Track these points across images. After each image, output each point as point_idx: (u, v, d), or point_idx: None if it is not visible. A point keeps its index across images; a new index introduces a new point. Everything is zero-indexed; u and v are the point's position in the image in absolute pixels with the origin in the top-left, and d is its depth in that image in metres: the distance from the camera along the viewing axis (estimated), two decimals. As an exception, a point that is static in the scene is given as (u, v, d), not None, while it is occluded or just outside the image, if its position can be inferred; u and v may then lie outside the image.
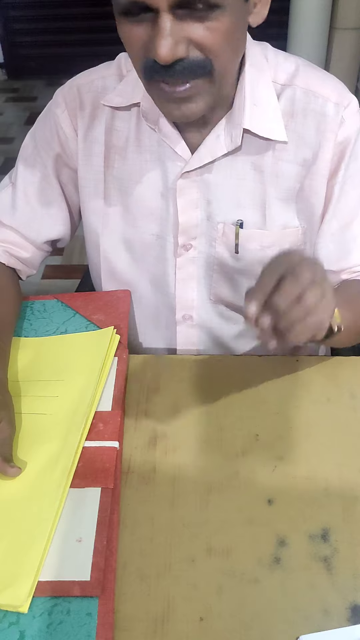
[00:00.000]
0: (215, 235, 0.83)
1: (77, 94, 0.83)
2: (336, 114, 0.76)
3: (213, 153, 0.77)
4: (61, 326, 0.86)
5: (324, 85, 0.77)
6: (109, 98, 0.80)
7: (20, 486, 0.64)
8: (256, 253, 0.83)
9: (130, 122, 0.81)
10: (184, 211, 0.82)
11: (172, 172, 0.80)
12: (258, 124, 0.75)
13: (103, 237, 0.88)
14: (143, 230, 0.85)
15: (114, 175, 0.84)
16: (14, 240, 0.89)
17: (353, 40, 2.83)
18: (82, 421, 0.70)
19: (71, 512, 0.62)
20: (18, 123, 3.61)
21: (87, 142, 0.84)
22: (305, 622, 0.54)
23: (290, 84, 0.76)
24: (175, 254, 0.85)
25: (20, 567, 0.57)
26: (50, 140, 0.85)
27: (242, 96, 0.74)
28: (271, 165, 0.78)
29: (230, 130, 0.76)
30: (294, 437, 0.71)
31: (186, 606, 0.56)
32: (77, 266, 2.34)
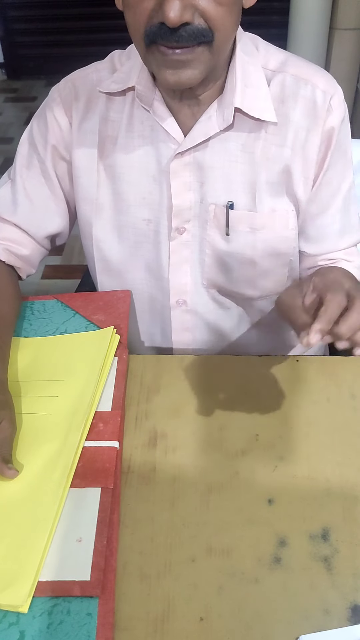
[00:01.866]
0: (207, 218, 0.84)
1: (72, 87, 0.85)
2: (324, 102, 0.78)
3: (205, 132, 0.79)
4: (61, 326, 0.85)
5: (313, 73, 0.79)
6: (105, 85, 0.82)
7: (21, 486, 0.64)
8: (247, 235, 0.84)
9: (124, 110, 0.82)
10: (177, 194, 0.83)
11: (165, 154, 0.82)
12: (249, 103, 0.77)
13: (95, 227, 0.89)
14: (136, 216, 0.86)
15: (107, 164, 0.85)
16: (14, 237, 0.90)
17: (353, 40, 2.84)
18: (82, 421, 0.70)
19: (71, 512, 0.62)
20: (17, 123, 3.61)
21: (81, 132, 0.85)
22: (306, 622, 0.54)
23: (281, 70, 0.79)
24: (169, 238, 0.86)
25: (20, 567, 0.57)
26: (46, 133, 0.86)
27: (234, 78, 0.77)
28: (262, 149, 0.80)
29: (222, 110, 0.78)
30: (294, 437, 0.71)
31: (186, 606, 0.56)
32: (77, 266, 2.34)
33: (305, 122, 0.79)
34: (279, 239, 0.85)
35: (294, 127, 0.79)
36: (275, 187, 0.82)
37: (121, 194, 0.86)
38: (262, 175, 0.81)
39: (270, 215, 0.83)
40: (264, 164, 0.80)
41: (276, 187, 0.82)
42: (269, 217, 0.83)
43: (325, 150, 0.80)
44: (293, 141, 0.79)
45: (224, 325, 0.95)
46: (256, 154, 0.80)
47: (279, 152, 0.80)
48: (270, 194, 0.82)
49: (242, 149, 0.80)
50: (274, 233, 0.84)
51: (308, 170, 0.81)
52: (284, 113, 0.78)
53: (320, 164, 0.81)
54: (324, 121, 0.79)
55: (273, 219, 0.83)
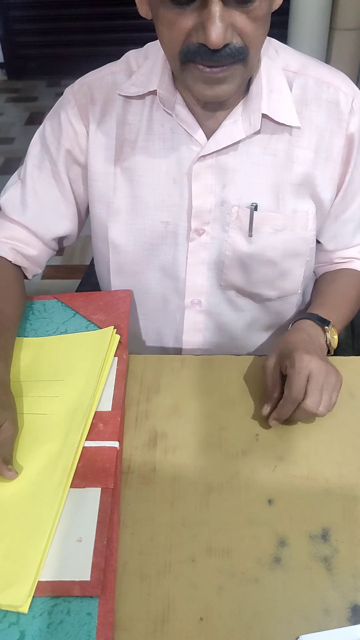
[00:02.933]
0: (228, 220, 0.85)
1: (87, 90, 0.84)
2: (346, 104, 0.80)
3: (231, 137, 0.79)
4: (61, 326, 0.86)
5: (334, 76, 0.81)
6: (124, 87, 0.82)
7: (21, 486, 0.64)
8: (268, 236, 0.85)
9: (143, 113, 0.82)
10: (198, 196, 0.83)
11: (187, 157, 0.82)
12: (275, 109, 0.78)
13: (112, 230, 0.89)
14: (154, 218, 0.86)
15: (124, 167, 0.85)
16: (22, 238, 0.90)
17: (353, 40, 2.84)
18: (82, 421, 0.70)
19: (71, 512, 0.62)
20: (19, 123, 3.61)
21: (98, 135, 0.85)
22: (306, 622, 0.54)
23: (302, 73, 0.80)
24: (188, 239, 0.86)
25: (20, 567, 0.57)
26: (60, 136, 0.86)
27: (260, 83, 0.77)
28: (285, 151, 0.81)
29: (248, 115, 0.78)
30: (294, 437, 0.71)
31: (186, 606, 0.56)
32: (77, 266, 2.34)
33: (328, 124, 0.80)
34: (298, 239, 0.86)
35: (318, 130, 0.80)
36: (298, 189, 0.83)
37: (139, 197, 0.86)
38: (286, 176, 0.82)
39: (292, 216, 0.84)
40: (287, 165, 0.81)
41: (299, 189, 0.83)
42: (291, 218, 0.84)
43: (349, 152, 0.82)
44: (317, 144, 0.80)
45: (235, 327, 0.95)
46: (279, 156, 0.81)
47: (302, 154, 0.81)
48: (293, 196, 0.83)
49: (265, 152, 0.81)
50: (294, 234, 0.85)
51: (332, 172, 0.82)
52: (307, 116, 0.79)
53: (345, 165, 0.82)
54: (347, 123, 0.80)
55: (294, 220, 0.84)
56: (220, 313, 0.93)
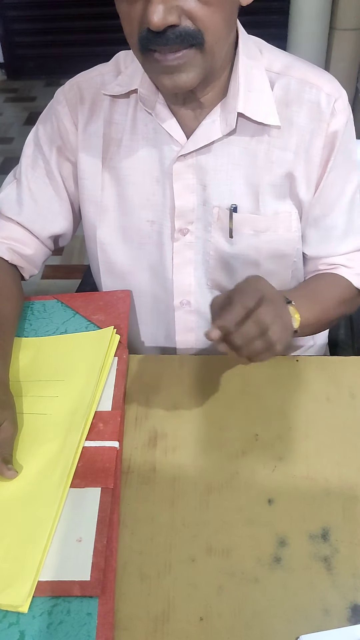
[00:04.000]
0: (210, 220, 0.84)
1: (77, 90, 0.85)
2: (328, 105, 0.78)
3: (208, 136, 0.79)
4: (61, 326, 0.85)
5: (318, 77, 0.79)
6: (109, 88, 0.82)
7: (21, 486, 0.64)
8: (250, 238, 0.84)
9: (128, 112, 0.83)
10: (179, 195, 0.83)
11: (168, 156, 0.82)
12: (252, 108, 0.77)
13: (100, 229, 0.89)
14: (139, 217, 0.87)
15: (111, 166, 0.85)
16: (18, 237, 0.90)
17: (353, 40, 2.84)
18: (82, 421, 0.70)
19: (71, 512, 0.62)
20: (17, 123, 3.60)
21: (86, 134, 0.85)
22: (306, 621, 0.54)
23: (285, 73, 0.79)
24: (172, 239, 0.86)
25: (20, 567, 0.57)
26: (52, 134, 0.87)
27: (237, 82, 0.77)
28: (265, 152, 0.80)
29: (225, 115, 0.78)
30: (294, 437, 0.71)
31: (186, 606, 0.56)
32: (77, 266, 2.34)
33: (309, 125, 0.79)
34: (282, 240, 0.85)
35: (298, 131, 0.79)
36: (278, 190, 0.82)
37: (125, 196, 0.86)
38: (265, 178, 0.81)
39: (273, 218, 0.83)
40: (267, 167, 0.81)
41: (279, 190, 0.82)
42: (272, 219, 0.83)
43: (328, 153, 0.80)
44: (296, 144, 0.79)
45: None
46: (259, 157, 0.80)
47: (282, 155, 0.80)
48: (273, 197, 0.82)
49: (245, 153, 0.80)
50: (277, 235, 0.84)
51: (311, 173, 0.81)
52: (288, 116, 0.79)
53: (323, 167, 0.81)
54: (327, 124, 0.79)
55: (276, 221, 0.83)
56: (210, 313, 0.93)
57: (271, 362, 0.80)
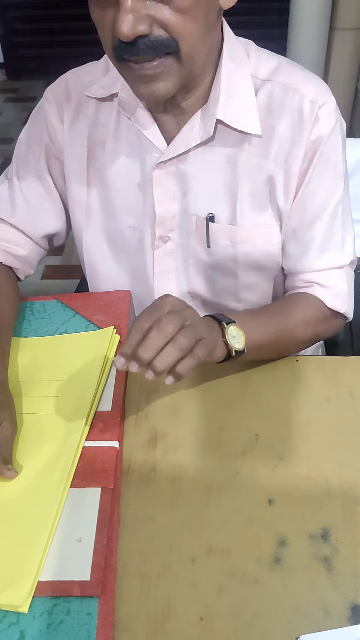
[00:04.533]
0: (190, 229, 0.84)
1: (64, 87, 0.85)
2: (311, 112, 0.75)
3: (187, 143, 0.78)
4: (61, 326, 0.85)
5: (304, 82, 0.76)
6: (92, 89, 0.81)
7: (21, 486, 0.64)
8: (227, 249, 0.83)
9: (112, 115, 0.82)
10: (160, 203, 0.82)
11: (149, 163, 0.81)
12: (232, 116, 0.75)
13: (86, 231, 0.89)
14: (121, 222, 0.86)
15: (96, 168, 0.85)
16: (12, 238, 0.89)
17: (353, 40, 2.83)
18: (82, 421, 0.70)
19: (71, 512, 0.62)
20: (17, 123, 3.60)
21: (72, 133, 0.85)
22: (306, 621, 0.54)
23: (270, 79, 0.76)
24: (153, 246, 0.86)
25: (20, 567, 0.57)
26: (41, 133, 0.86)
27: (218, 88, 0.75)
28: (245, 160, 0.78)
29: (204, 122, 0.76)
30: (294, 437, 0.71)
31: (186, 606, 0.56)
32: (76, 266, 2.33)
33: (290, 133, 0.76)
34: (261, 253, 0.83)
35: (279, 139, 0.76)
36: (258, 200, 0.80)
37: (109, 199, 0.85)
38: (245, 187, 0.79)
39: (252, 229, 0.81)
40: (246, 176, 0.79)
41: (259, 200, 0.80)
42: (251, 231, 0.81)
43: (308, 163, 0.77)
44: (277, 153, 0.77)
45: None
46: (239, 166, 0.78)
47: (262, 164, 0.78)
48: (252, 207, 0.80)
49: (226, 160, 0.79)
50: (256, 247, 0.82)
51: (290, 183, 0.78)
52: (270, 124, 0.76)
53: (301, 176, 0.78)
54: (309, 132, 0.75)
55: (255, 233, 0.81)
56: None
57: (271, 363, 0.81)
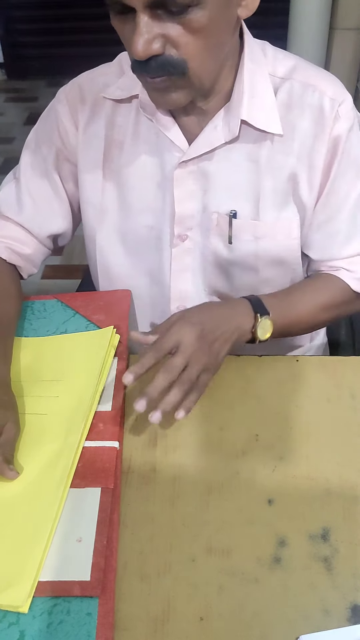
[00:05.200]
0: (209, 226, 0.84)
1: (78, 90, 0.85)
2: (331, 109, 0.77)
3: (210, 143, 0.78)
4: (61, 326, 0.86)
5: (322, 80, 0.78)
6: (110, 91, 0.82)
7: (21, 486, 0.64)
8: (249, 244, 0.84)
9: (130, 116, 0.82)
10: (180, 202, 0.83)
11: (169, 162, 0.81)
12: (255, 115, 0.76)
13: (99, 232, 0.89)
14: (138, 222, 0.86)
15: (112, 169, 0.85)
16: (17, 236, 0.90)
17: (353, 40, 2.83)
18: (82, 421, 0.70)
19: (71, 512, 0.62)
20: (18, 123, 3.60)
21: (87, 135, 0.85)
22: (306, 622, 0.54)
23: (289, 77, 0.78)
24: (171, 245, 0.86)
25: (20, 567, 0.57)
26: (51, 135, 0.87)
27: (241, 88, 0.76)
28: (267, 157, 0.79)
29: (228, 121, 0.77)
30: (294, 437, 0.71)
31: (186, 606, 0.56)
32: (77, 266, 2.34)
33: (311, 130, 0.78)
34: (281, 247, 0.85)
35: (300, 136, 0.78)
36: (280, 196, 0.82)
37: (125, 200, 0.86)
38: (267, 183, 0.81)
39: (273, 224, 0.83)
40: (268, 172, 0.80)
41: (281, 196, 0.82)
42: (272, 226, 0.83)
43: (331, 158, 0.79)
44: (299, 149, 0.79)
45: None
46: (261, 163, 0.80)
47: (285, 160, 0.79)
48: (274, 203, 0.82)
49: (247, 158, 0.80)
50: (276, 242, 0.84)
51: (314, 178, 0.80)
52: (291, 121, 0.78)
53: (326, 172, 0.80)
54: (330, 129, 0.78)
55: (276, 228, 0.83)
56: None
57: (271, 362, 0.81)
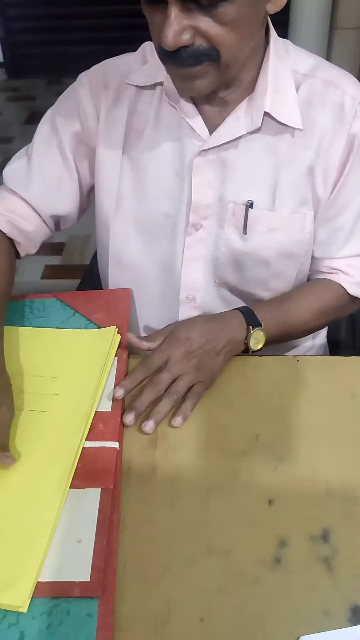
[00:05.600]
0: (225, 216, 0.85)
1: (102, 75, 0.86)
2: (352, 107, 0.79)
3: (232, 133, 0.80)
4: (60, 325, 0.85)
5: (343, 79, 0.80)
6: (133, 77, 0.83)
7: (20, 486, 0.64)
8: (263, 236, 0.85)
9: (152, 103, 0.83)
10: (197, 190, 0.84)
11: (189, 151, 0.82)
12: (278, 108, 0.78)
13: (114, 218, 0.90)
14: (155, 209, 0.87)
15: (131, 155, 0.86)
16: (20, 212, 0.89)
17: (353, 39, 2.83)
18: (83, 421, 0.69)
19: (71, 512, 0.61)
20: (18, 122, 3.61)
21: (109, 121, 0.86)
22: (306, 622, 0.54)
23: (312, 75, 0.80)
24: (185, 233, 0.87)
25: (20, 567, 0.56)
26: (70, 117, 0.87)
27: (265, 82, 0.77)
28: (286, 150, 0.81)
29: (251, 113, 0.79)
30: (294, 437, 0.71)
31: (186, 606, 0.55)
32: (77, 266, 2.33)
33: (331, 126, 0.79)
34: (293, 241, 0.86)
35: (320, 131, 0.80)
36: (297, 189, 0.83)
37: (143, 186, 0.86)
38: (285, 176, 0.82)
39: (288, 217, 0.84)
40: (287, 165, 0.81)
41: (298, 190, 0.83)
42: (287, 219, 0.84)
43: (347, 155, 0.81)
44: (318, 144, 0.80)
45: None
46: (280, 155, 0.81)
47: (303, 154, 0.81)
48: (291, 196, 0.83)
49: (267, 150, 0.81)
50: (290, 235, 0.85)
51: (329, 174, 0.82)
52: (311, 117, 0.79)
53: (341, 168, 0.82)
54: (350, 125, 0.79)
55: (291, 221, 0.84)
56: (214, 310, 0.92)
57: (271, 362, 0.80)
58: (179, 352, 0.75)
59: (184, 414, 0.72)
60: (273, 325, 0.83)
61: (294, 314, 0.87)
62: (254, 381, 0.78)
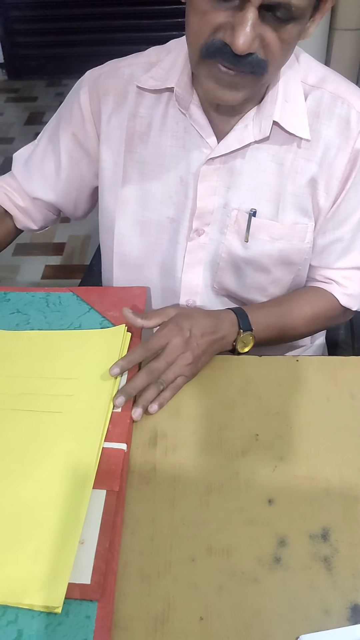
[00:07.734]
0: (227, 223, 0.85)
1: (102, 79, 0.86)
2: (357, 122, 0.79)
3: (240, 141, 0.80)
4: (75, 321, 0.85)
5: (351, 93, 0.80)
6: (142, 80, 0.83)
7: (45, 485, 0.63)
8: (265, 244, 0.85)
9: (157, 108, 0.83)
10: (202, 197, 0.84)
11: (196, 158, 0.83)
12: (287, 118, 0.78)
13: (118, 221, 0.90)
14: (159, 213, 0.88)
15: (135, 160, 0.86)
16: (16, 188, 0.98)
17: (353, 40, 2.83)
18: (102, 421, 0.69)
19: None
20: (18, 123, 3.60)
21: (110, 126, 0.86)
22: (306, 621, 0.54)
23: (320, 86, 0.80)
24: (187, 238, 0.87)
25: (54, 568, 0.56)
26: (69, 118, 0.90)
27: (276, 91, 0.77)
28: (292, 161, 0.81)
29: (259, 121, 0.79)
30: (294, 437, 0.71)
31: (186, 606, 0.56)
32: (77, 266, 2.33)
33: (336, 139, 0.79)
34: (294, 250, 0.86)
35: (325, 144, 0.80)
36: (299, 201, 0.83)
37: (148, 191, 0.87)
38: (289, 187, 0.82)
39: (290, 227, 0.84)
40: (291, 176, 0.81)
41: (300, 201, 0.83)
42: (290, 228, 0.84)
43: (350, 170, 0.81)
44: (321, 157, 0.80)
45: None
46: (285, 166, 0.81)
47: (307, 166, 0.81)
48: (294, 207, 0.83)
49: (273, 160, 0.81)
50: (291, 245, 0.85)
51: (331, 187, 0.82)
52: (317, 129, 0.79)
53: (343, 183, 0.82)
54: (354, 141, 0.79)
55: (292, 231, 0.84)
56: None
57: (271, 362, 0.81)
58: (178, 341, 0.75)
59: (160, 403, 0.73)
60: (263, 330, 0.84)
61: (285, 319, 0.88)
62: (254, 381, 0.78)
